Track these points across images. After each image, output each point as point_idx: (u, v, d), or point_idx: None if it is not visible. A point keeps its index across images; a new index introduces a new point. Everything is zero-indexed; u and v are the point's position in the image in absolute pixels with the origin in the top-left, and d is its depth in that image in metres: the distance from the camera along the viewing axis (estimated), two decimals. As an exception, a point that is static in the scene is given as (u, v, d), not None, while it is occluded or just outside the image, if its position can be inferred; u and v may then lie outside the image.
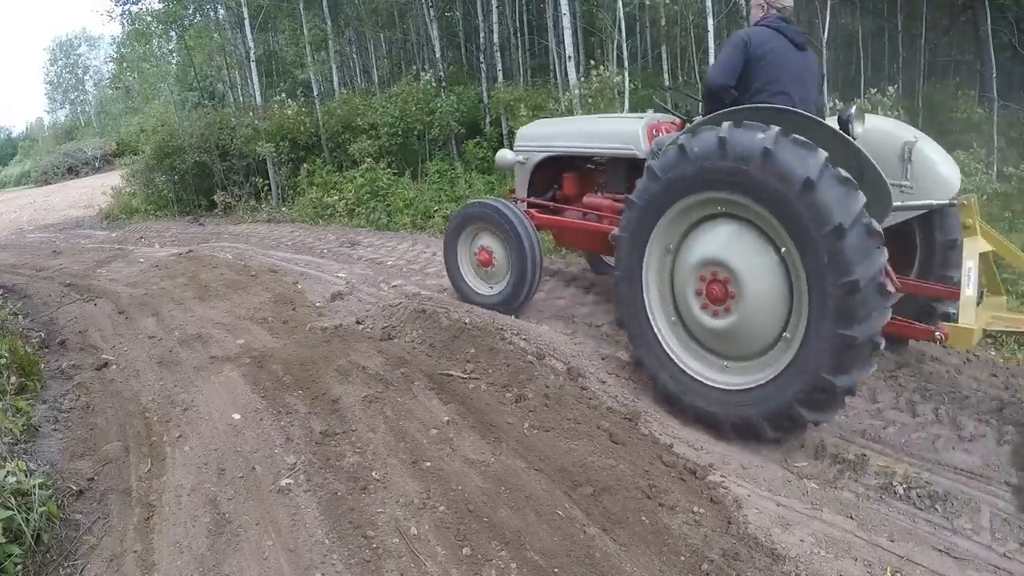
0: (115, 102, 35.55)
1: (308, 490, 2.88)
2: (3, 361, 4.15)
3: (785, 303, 3.07)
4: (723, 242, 3.21)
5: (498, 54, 11.77)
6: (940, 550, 2.55)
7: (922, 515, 2.76)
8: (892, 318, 2.99)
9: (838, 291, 2.79)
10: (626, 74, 7.06)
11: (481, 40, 11.91)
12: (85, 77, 47.42)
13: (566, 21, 7.73)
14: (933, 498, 2.84)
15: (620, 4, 7.09)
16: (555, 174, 5.06)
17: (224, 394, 3.86)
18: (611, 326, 4.65)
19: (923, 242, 3.73)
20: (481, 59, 11.89)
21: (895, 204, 3.27)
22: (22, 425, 3.50)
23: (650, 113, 4.49)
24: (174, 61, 19.15)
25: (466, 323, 4.54)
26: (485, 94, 11.43)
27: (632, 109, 7.48)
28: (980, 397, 3.63)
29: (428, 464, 3.02)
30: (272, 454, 3.17)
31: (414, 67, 14.55)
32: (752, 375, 3.24)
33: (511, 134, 9.73)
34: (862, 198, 2.82)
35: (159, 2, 14.66)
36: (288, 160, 11.78)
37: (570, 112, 7.89)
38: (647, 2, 9.97)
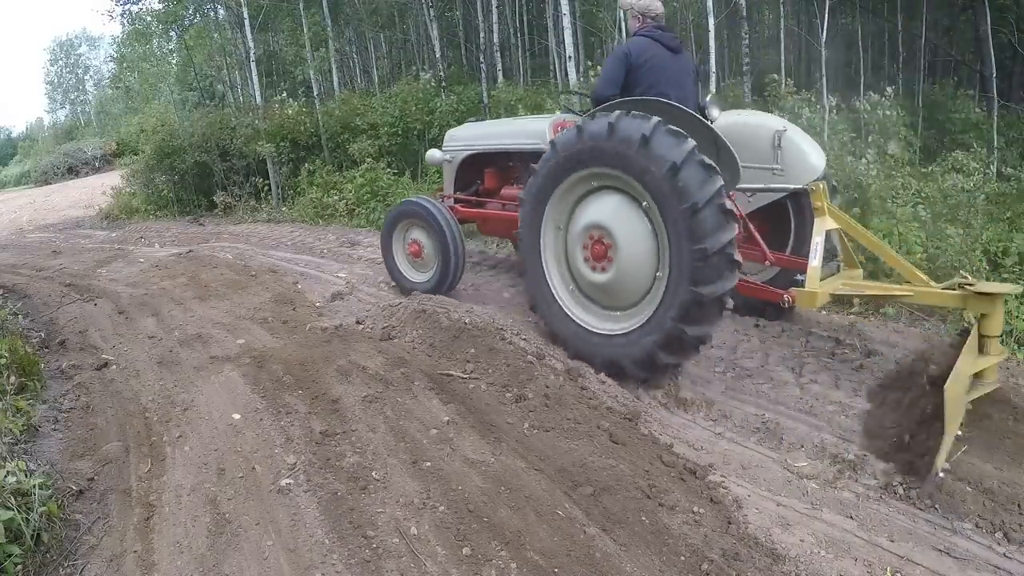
0: (115, 102, 35.57)
1: (308, 490, 2.88)
2: (3, 361, 4.15)
3: (652, 264, 3.64)
4: (605, 210, 3.79)
5: (498, 54, 11.79)
6: (940, 550, 2.55)
7: (922, 515, 2.76)
8: (748, 283, 3.88)
9: (691, 257, 3.35)
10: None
11: (481, 40, 11.91)
12: (85, 77, 47.48)
13: (566, 21, 7.73)
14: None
15: (620, 3, 7.09)
16: (478, 171, 5.58)
17: (224, 394, 3.86)
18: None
19: (796, 221, 4.38)
20: (481, 59, 11.89)
21: (765, 186, 4.12)
22: (22, 425, 3.50)
23: (557, 114, 5.07)
24: (174, 61, 19.16)
25: (466, 323, 4.54)
26: (485, 94, 11.43)
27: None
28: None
29: (428, 464, 3.02)
30: (272, 454, 3.17)
31: (414, 67, 14.56)
32: (624, 323, 3.83)
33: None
34: (719, 182, 3.37)
35: (159, 2, 14.68)
36: (288, 160, 11.78)
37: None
38: None
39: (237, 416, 3.56)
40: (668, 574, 2.38)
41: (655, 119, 3.46)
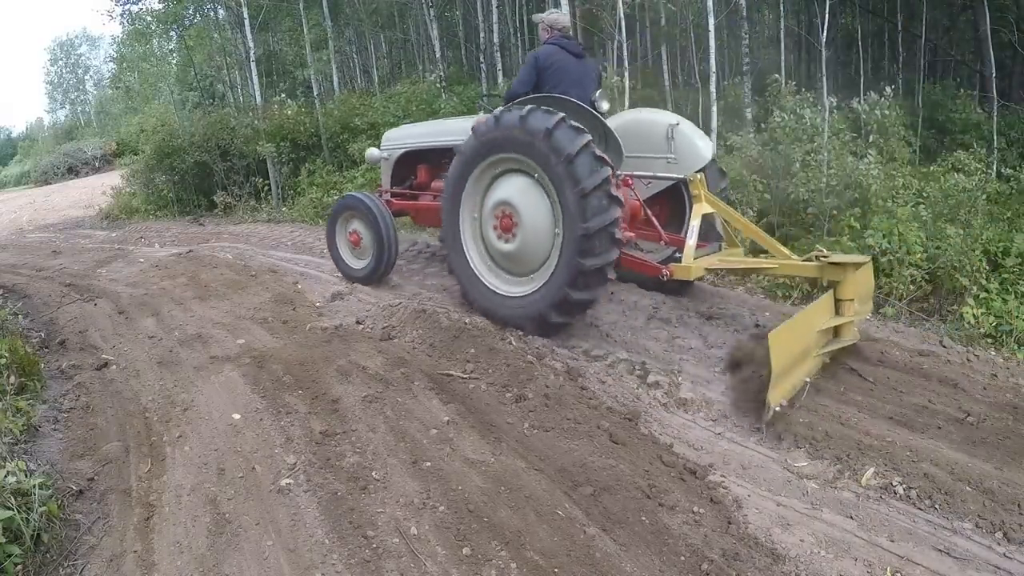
0: (115, 102, 35.57)
1: (308, 490, 2.88)
2: (3, 361, 4.14)
3: (549, 237, 4.21)
4: (512, 189, 4.34)
5: (498, 54, 11.78)
6: (940, 550, 2.55)
7: (922, 515, 2.76)
8: (631, 257, 4.42)
9: (579, 233, 3.91)
10: (626, 74, 7.05)
11: (481, 40, 11.92)
12: (85, 77, 47.45)
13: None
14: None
15: (620, 4, 7.08)
16: (412, 167, 6.12)
17: (224, 394, 3.86)
18: (611, 326, 4.65)
19: (690, 206, 4.66)
20: (481, 59, 11.89)
21: (655, 174, 4.72)
22: (22, 425, 3.49)
23: (480, 114, 5.39)
24: (174, 61, 19.16)
25: (466, 323, 4.54)
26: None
27: (632, 108, 7.52)
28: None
29: (428, 464, 3.02)
30: (272, 454, 3.16)
31: (418, 67, 14.57)
32: (526, 287, 4.40)
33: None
34: (607, 172, 3.94)
35: (159, 2, 14.68)
36: (288, 160, 11.78)
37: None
38: (643, 2, 9.99)
39: (237, 416, 3.56)
40: (668, 574, 2.38)
41: (559, 115, 4.00)
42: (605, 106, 4.63)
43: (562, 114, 4.01)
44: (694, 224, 4.23)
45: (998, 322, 4.68)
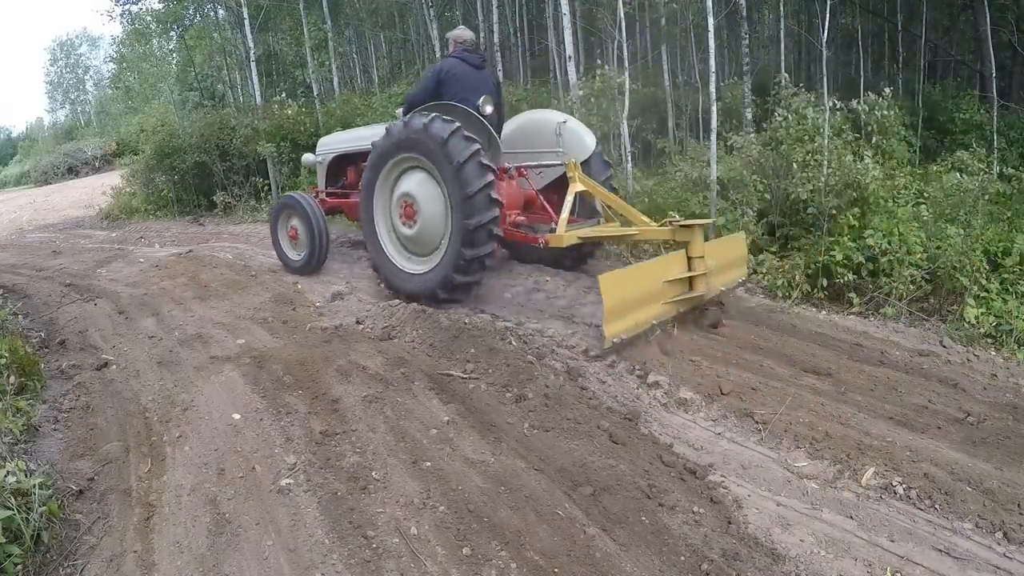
0: (115, 102, 35.56)
1: (308, 490, 2.88)
2: (3, 361, 4.14)
3: (442, 225, 4.90)
4: (413, 183, 5.07)
5: (498, 54, 11.77)
6: (940, 550, 2.55)
7: (922, 515, 2.76)
8: (517, 232, 5.11)
9: (464, 227, 4.60)
10: (626, 74, 7.05)
11: (481, 40, 11.91)
12: (85, 77, 47.44)
13: (566, 21, 7.72)
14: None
15: (620, 4, 7.07)
16: (343, 169, 6.88)
17: (224, 394, 3.86)
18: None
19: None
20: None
21: (549, 163, 5.39)
22: (22, 425, 3.49)
23: (395, 121, 5.82)
24: (174, 61, 19.15)
25: (466, 323, 4.54)
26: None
27: (632, 108, 7.50)
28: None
29: (428, 464, 3.02)
30: (272, 454, 3.17)
31: (418, 67, 14.56)
32: (424, 266, 5.08)
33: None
34: (490, 177, 4.61)
35: (159, 2, 14.68)
36: (288, 160, 11.78)
37: (571, 112, 7.91)
38: (643, 1, 9.98)
39: (237, 416, 3.56)
40: (668, 574, 2.38)
41: (456, 125, 4.68)
42: (488, 110, 5.30)
43: (458, 124, 4.69)
44: (568, 201, 4.87)
45: (998, 322, 4.68)
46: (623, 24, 7.31)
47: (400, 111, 5.68)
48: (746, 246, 5.29)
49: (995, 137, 7.91)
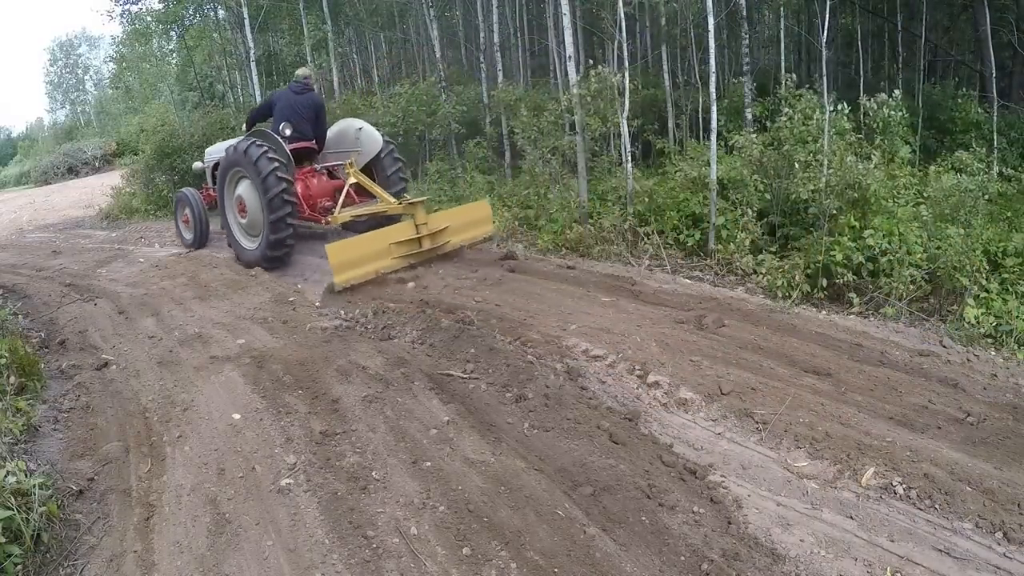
0: (115, 102, 35.52)
1: (308, 490, 2.88)
2: (3, 361, 4.15)
3: (261, 217, 6.67)
4: (243, 188, 6.95)
5: (498, 54, 11.76)
6: (940, 550, 2.55)
7: (922, 515, 2.76)
8: (311, 215, 7.01)
9: (269, 221, 6.49)
10: (626, 74, 7.04)
11: (481, 40, 11.91)
12: (85, 77, 47.37)
13: (566, 21, 7.71)
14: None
15: (620, 4, 7.07)
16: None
17: (224, 394, 3.86)
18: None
19: (378, 179, 7.23)
20: (481, 59, 11.88)
21: (355, 159, 7.10)
22: (22, 425, 3.50)
23: (241, 137, 7.36)
24: (174, 61, 19.14)
25: (466, 323, 4.54)
26: (485, 94, 11.42)
27: (632, 109, 7.52)
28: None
29: (428, 464, 3.02)
30: (272, 454, 3.17)
31: (418, 67, 14.56)
32: (254, 244, 6.99)
33: (511, 133, 9.73)
34: (283, 185, 6.42)
35: (159, 2, 14.66)
36: (288, 160, 11.76)
37: (570, 112, 7.92)
38: (643, 1, 9.96)
39: (237, 416, 3.56)
40: (668, 574, 2.38)
41: (264, 148, 6.53)
42: (287, 132, 7.12)
43: (265, 147, 6.55)
44: (343, 191, 6.80)
45: (998, 322, 4.67)
46: (623, 24, 7.31)
47: (244, 125, 7.90)
48: (491, 208, 7.24)
49: (995, 137, 7.90)
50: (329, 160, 7.61)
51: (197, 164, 9.16)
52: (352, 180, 6.71)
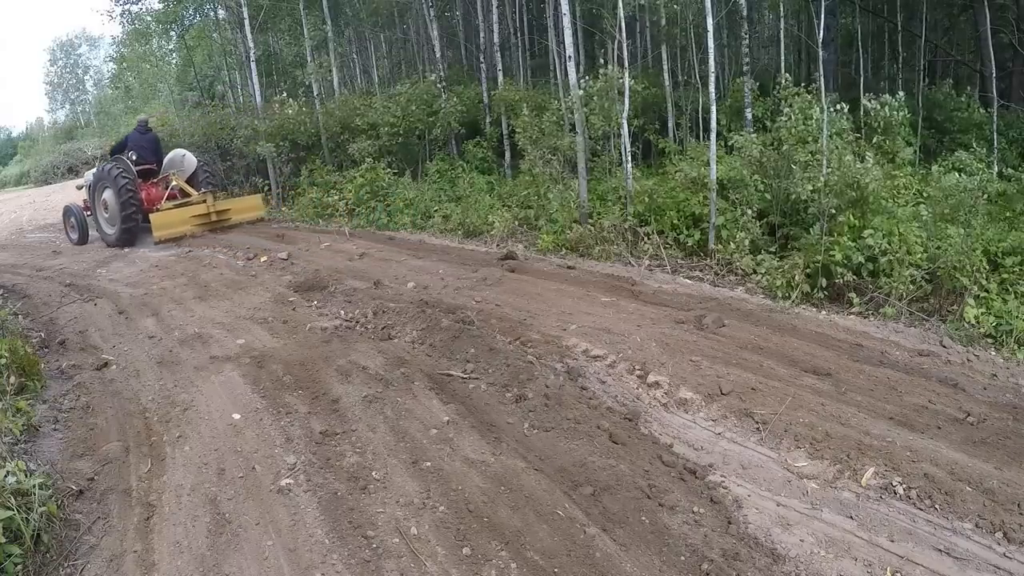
0: (115, 102, 35.48)
1: (308, 490, 2.88)
2: (3, 361, 4.14)
3: (118, 213, 9.65)
4: (107, 195, 9.82)
5: (498, 54, 11.77)
6: (940, 550, 2.55)
7: (922, 515, 2.76)
8: (148, 210, 9.93)
9: (121, 215, 9.66)
10: (627, 74, 7.05)
11: (481, 40, 11.91)
12: (85, 77, 47.35)
13: (566, 21, 7.71)
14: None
15: (620, 4, 7.07)
16: (94, 188, 10.84)
17: (224, 394, 3.86)
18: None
19: (194, 185, 10.21)
20: (481, 59, 11.89)
21: (179, 174, 10.35)
22: (22, 425, 3.49)
23: (105, 163, 10.47)
24: (174, 61, 19.13)
25: (466, 323, 4.54)
26: (485, 94, 11.42)
27: (633, 109, 7.53)
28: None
29: (428, 464, 3.02)
30: (272, 454, 3.17)
31: (418, 67, 14.55)
32: (114, 231, 9.84)
33: (512, 133, 9.73)
34: (129, 194, 9.59)
35: (159, 2, 14.66)
36: (288, 160, 11.77)
37: (571, 112, 7.93)
38: (644, 2, 9.95)
39: (237, 416, 3.56)
40: (668, 574, 2.38)
41: (120, 170, 9.61)
42: (134, 157, 10.03)
43: (121, 169, 9.59)
44: (166, 194, 10.10)
45: (998, 322, 4.66)
46: (623, 24, 7.31)
47: (109, 153, 10.87)
48: (262, 201, 10.90)
49: (995, 137, 7.89)
50: (168, 177, 10.47)
51: (79, 181, 12.43)
52: (174, 183, 10.14)
